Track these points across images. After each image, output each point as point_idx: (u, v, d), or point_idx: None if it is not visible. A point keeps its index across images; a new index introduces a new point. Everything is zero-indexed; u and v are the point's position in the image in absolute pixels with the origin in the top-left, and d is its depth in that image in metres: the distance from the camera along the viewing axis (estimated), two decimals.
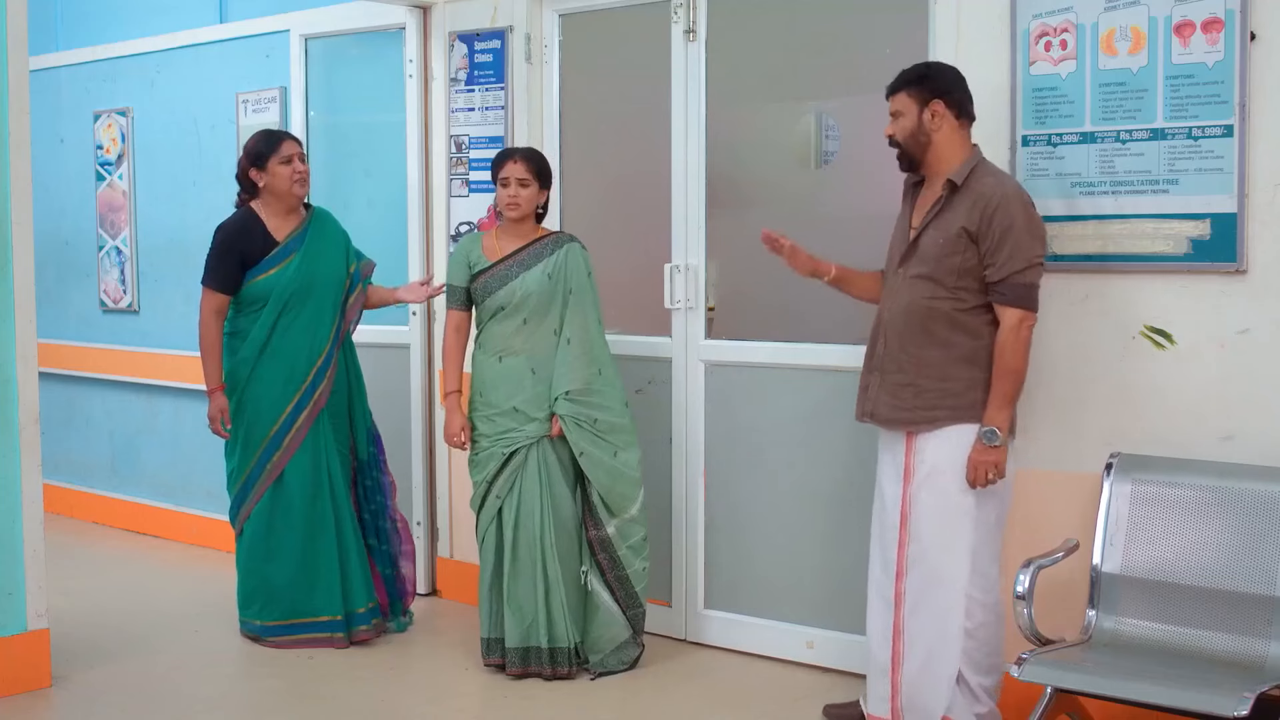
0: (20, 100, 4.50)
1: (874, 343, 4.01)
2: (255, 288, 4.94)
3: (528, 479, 4.61)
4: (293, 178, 4.94)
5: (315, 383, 4.98)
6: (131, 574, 6.29)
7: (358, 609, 5.04)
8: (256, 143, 4.99)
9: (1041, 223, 3.83)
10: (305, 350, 4.97)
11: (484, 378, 4.68)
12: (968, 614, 3.83)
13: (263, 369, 4.95)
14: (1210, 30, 3.75)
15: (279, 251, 4.96)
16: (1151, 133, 3.87)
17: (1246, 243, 3.73)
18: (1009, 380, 3.78)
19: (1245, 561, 3.59)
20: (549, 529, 4.61)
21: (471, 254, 4.73)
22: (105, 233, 7.19)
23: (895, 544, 3.94)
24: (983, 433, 3.77)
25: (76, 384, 7.32)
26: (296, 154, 4.97)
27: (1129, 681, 3.43)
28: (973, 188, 3.80)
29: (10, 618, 4.53)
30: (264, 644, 5.04)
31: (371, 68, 5.92)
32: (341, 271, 5.06)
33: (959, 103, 3.87)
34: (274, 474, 4.98)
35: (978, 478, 3.78)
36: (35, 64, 5.13)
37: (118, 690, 4.64)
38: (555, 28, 5.37)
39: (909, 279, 3.90)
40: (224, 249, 4.96)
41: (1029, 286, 3.76)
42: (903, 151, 3.93)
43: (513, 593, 4.63)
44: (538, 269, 4.65)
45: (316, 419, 4.99)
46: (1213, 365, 3.81)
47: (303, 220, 5.04)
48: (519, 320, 4.64)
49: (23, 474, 4.54)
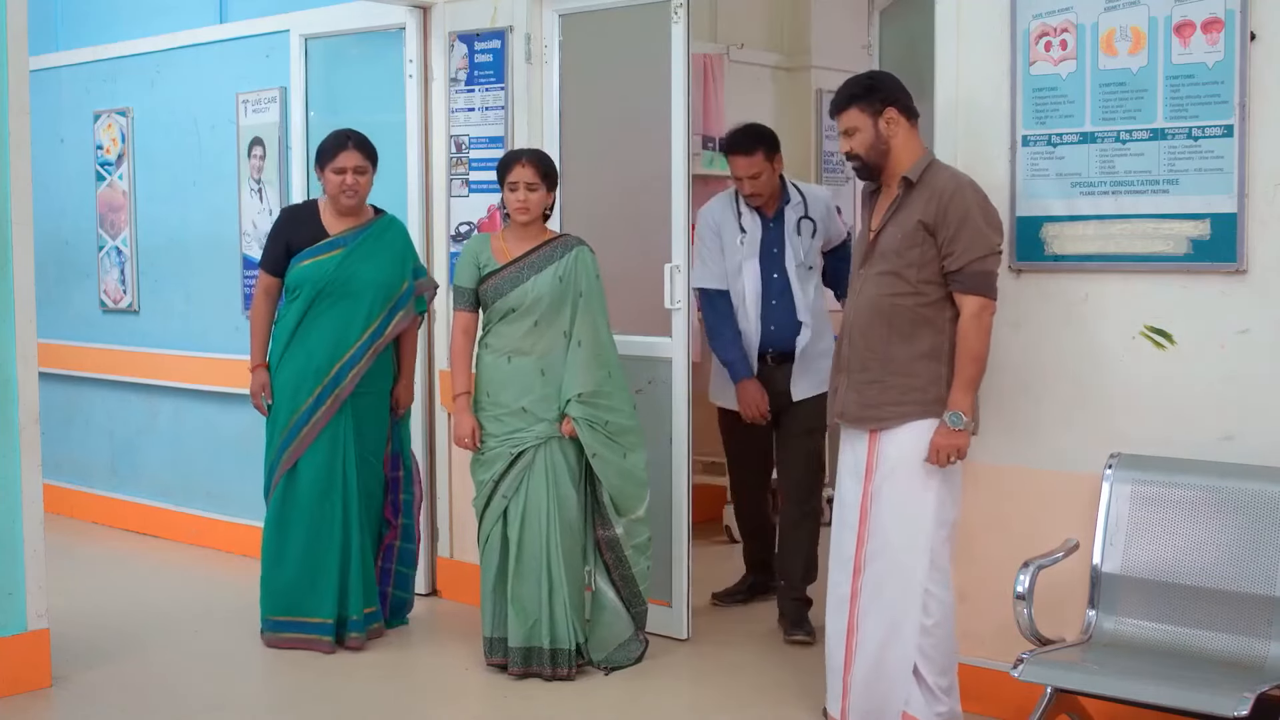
0: (20, 100, 4.50)
1: (840, 344, 4.05)
2: (294, 274, 4.95)
3: (534, 479, 4.61)
4: (341, 188, 4.93)
5: (338, 379, 4.92)
6: (131, 574, 6.28)
7: (352, 615, 4.98)
8: (324, 142, 5.03)
9: (997, 213, 3.87)
10: (330, 345, 4.92)
11: (492, 378, 4.67)
12: (925, 610, 3.84)
13: (289, 356, 4.95)
14: (1210, 30, 3.75)
15: (327, 243, 4.95)
16: (1151, 133, 3.87)
17: (1246, 243, 3.73)
18: (972, 366, 3.81)
19: (1245, 562, 3.59)
20: (554, 529, 4.60)
21: (481, 255, 4.72)
22: (105, 233, 7.19)
23: (853, 542, 3.96)
24: (947, 416, 3.79)
25: (76, 384, 7.32)
26: (352, 167, 4.92)
27: (1129, 681, 3.43)
28: (928, 183, 3.86)
29: (10, 618, 4.53)
30: (264, 640, 5.02)
31: (371, 68, 5.92)
32: (391, 280, 5.01)
33: (907, 106, 3.94)
34: (289, 463, 4.95)
35: (939, 460, 3.81)
36: (35, 64, 5.11)
37: (118, 690, 4.64)
38: (555, 28, 5.37)
39: (871, 277, 3.94)
40: (275, 232, 5.09)
41: (987, 274, 3.81)
42: (863, 164, 3.98)
43: (517, 593, 4.62)
44: (549, 272, 4.65)
45: (336, 416, 4.93)
46: (1213, 365, 3.81)
47: (366, 221, 5.04)
48: (530, 322, 4.64)
49: (23, 474, 4.54)
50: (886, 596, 3.87)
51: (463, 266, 4.76)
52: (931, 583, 3.85)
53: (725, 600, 5.49)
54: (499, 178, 4.74)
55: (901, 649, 3.86)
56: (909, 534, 3.85)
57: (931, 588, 3.85)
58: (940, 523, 3.86)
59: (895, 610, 3.86)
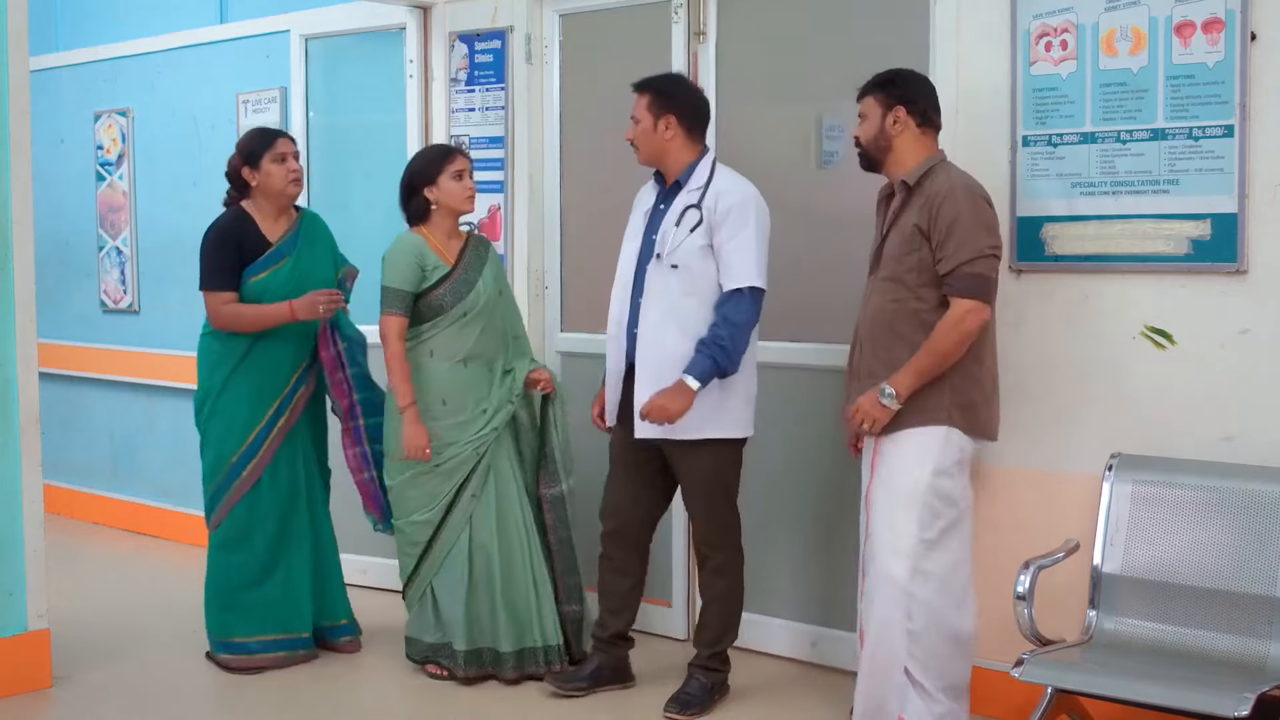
0: (21, 100, 4.50)
1: (853, 349, 4.03)
2: (249, 289, 4.70)
3: (501, 477, 4.62)
4: (287, 177, 4.72)
5: (295, 388, 4.79)
6: (131, 574, 6.29)
7: (341, 619, 4.96)
8: (250, 140, 4.78)
9: (992, 215, 3.80)
10: (290, 356, 4.77)
11: (447, 386, 4.58)
12: (909, 615, 3.81)
13: (244, 372, 4.72)
14: (1210, 30, 3.75)
15: (273, 253, 4.73)
16: (1152, 133, 3.87)
17: (1247, 243, 3.73)
18: (931, 359, 3.76)
19: (1246, 562, 3.59)
20: (528, 523, 4.63)
21: (426, 258, 4.55)
22: (105, 233, 7.19)
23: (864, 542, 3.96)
24: (882, 388, 3.78)
25: (77, 384, 7.32)
26: (291, 152, 4.75)
27: (1129, 682, 3.43)
28: (925, 187, 3.83)
29: (11, 618, 4.53)
30: (221, 663, 4.78)
31: (372, 68, 5.92)
32: (330, 277, 4.86)
33: (922, 111, 3.89)
34: (251, 480, 4.74)
35: (854, 420, 3.85)
36: (36, 64, 5.12)
37: (118, 690, 4.64)
38: (555, 28, 5.37)
39: (877, 283, 3.93)
40: (221, 246, 4.71)
41: (978, 277, 3.74)
42: (863, 153, 3.97)
43: (508, 598, 4.58)
44: (487, 272, 4.67)
45: (294, 426, 4.80)
46: (1213, 365, 3.81)
47: (294, 222, 4.82)
48: (481, 325, 4.62)
49: (23, 474, 4.54)
50: (878, 599, 3.87)
51: (405, 268, 4.52)
52: (914, 585, 3.80)
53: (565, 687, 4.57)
54: (431, 171, 4.59)
55: (890, 652, 3.84)
56: (890, 537, 3.83)
57: (915, 591, 3.80)
58: (926, 527, 3.80)
59: (884, 612, 3.85)
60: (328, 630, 4.99)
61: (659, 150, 4.31)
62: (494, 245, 4.83)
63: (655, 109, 4.28)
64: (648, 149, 4.33)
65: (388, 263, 4.57)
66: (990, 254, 3.76)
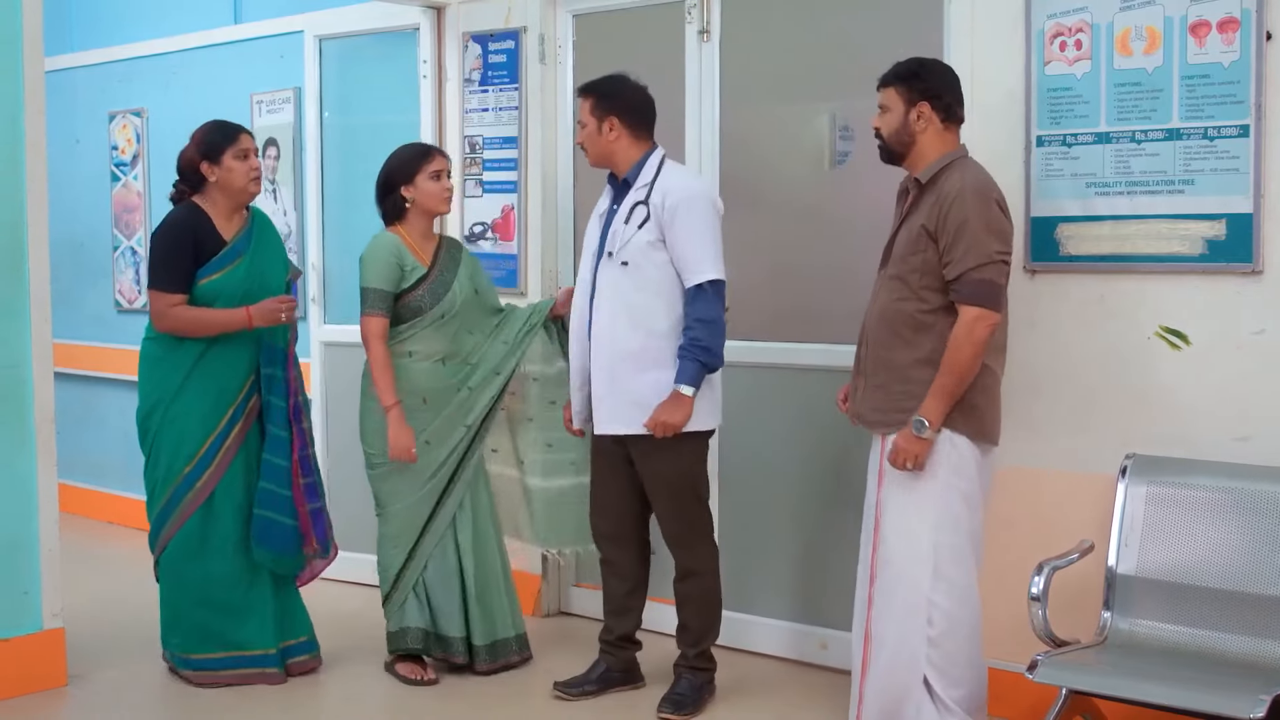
0: (36, 101, 4.52)
1: (859, 347, 4.00)
2: (204, 290, 4.48)
3: (477, 473, 4.71)
4: (249, 175, 4.52)
5: (250, 394, 4.58)
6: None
7: (301, 635, 4.75)
8: (210, 133, 4.56)
9: (1003, 219, 3.74)
10: (246, 360, 4.57)
11: (430, 383, 4.61)
12: (930, 621, 3.78)
13: (199, 378, 4.52)
14: (1226, 30, 3.74)
15: (228, 252, 4.53)
16: (1167, 133, 3.86)
17: (1262, 243, 3.72)
18: (952, 376, 3.70)
19: (1261, 563, 3.58)
20: (492, 515, 4.75)
21: (405, 259, 4.55)
22: (120, 233, 7.21)
23: (870, 546, 3.93)
24: (912, 421, 3.73)
25: (91, 384, 7.34)
26: (253, 149, 4.56)
27: (1144, 683, 3.42)
28: (937, 186, 3.77)
29: (26, 617, 4.55)
30: (186, 678, 4.64)
31: (385, 68, 5.93)
32: (282, 279, 4.67)
33: (947, 106, 3.83)
34: (205, 493, 4.53)
35: (897, 463, 3.77)
36: (51, 65, 5.14)
37: (133, 689, 4.66)
38: (569, 28, 5.38)
39: (884, 281, 3.89)
40: (175, 244, 4.51)
41: (985, 283, 3.67)
42: (884, 145, 3.90)
43: (481, 591, 4.67)
44: (462, 274, 4.68)
45: (247, 433, 4.59)
46: (1228, 366, 3.80)
47: (245, 220, 4.62)
48: (457, 325, 4.65)
49: (38, 474, 4.56)
50: (895, 605, 3.84)
51: (385, 269, 4.51)
52: (935, 593, 3.78)
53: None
54: (409, 170, 4.58)
55: (909, 659, 3.81)
56: (909, 543, 3.81)
57: (936, 598, 3.78)
58: (945, 531, 3.79)
59: (902, 620, 3.82)
60: (290, 648, 4.75)
61: (606, 151, 4.35)
62: (466, 247, 4.88)
63: (599, 112, 4.32)
64: (595, 151, 4.38)
65: (366, 263, 4.56)
66: (998, 259, 3.69)
